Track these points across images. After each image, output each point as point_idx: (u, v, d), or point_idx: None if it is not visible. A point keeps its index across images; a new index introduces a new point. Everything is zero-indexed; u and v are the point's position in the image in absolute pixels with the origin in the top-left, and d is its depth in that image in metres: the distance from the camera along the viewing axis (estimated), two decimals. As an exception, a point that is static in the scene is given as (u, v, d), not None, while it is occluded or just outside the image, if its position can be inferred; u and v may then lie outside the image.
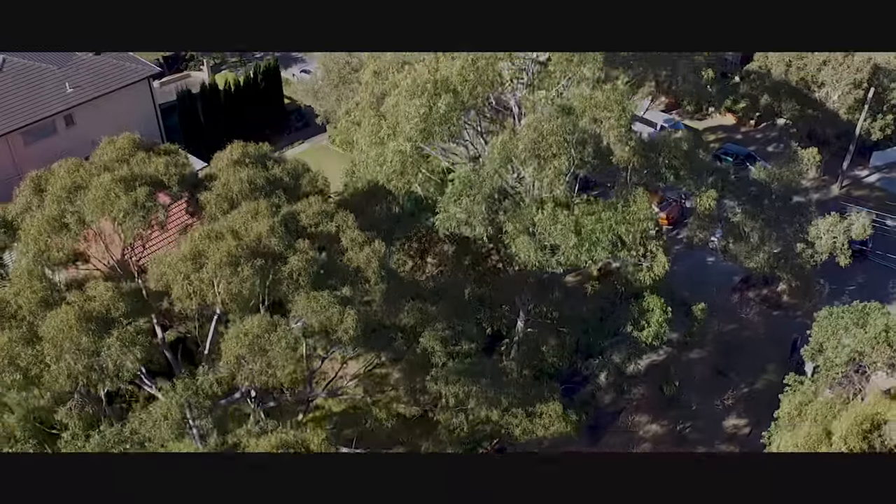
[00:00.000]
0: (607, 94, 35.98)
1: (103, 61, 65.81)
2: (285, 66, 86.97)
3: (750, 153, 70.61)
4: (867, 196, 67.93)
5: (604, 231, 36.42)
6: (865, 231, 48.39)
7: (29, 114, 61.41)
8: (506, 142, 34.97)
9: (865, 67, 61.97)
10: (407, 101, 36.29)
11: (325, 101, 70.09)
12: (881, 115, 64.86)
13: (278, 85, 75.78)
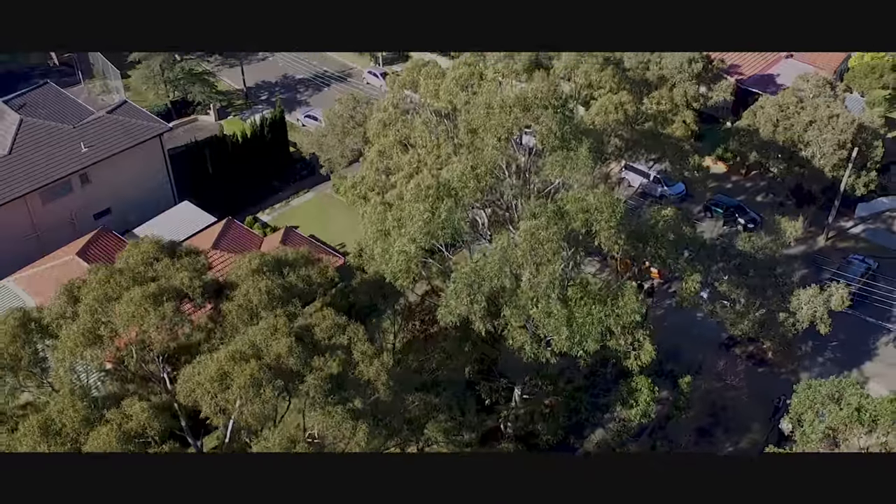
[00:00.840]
0: (598, 198, 38.61)
1: (116, 120, 68.40)
2: (290, 109, 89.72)
3: (739, 204, 73.29)
4: (853, 247, 70.57)
5: (594, 324, 39.07)
6: (844, 303, 51.01)
7: (46, 174, 63.98)
8: (504, 247, 37.68)
9: (850, 129, 64.65)
10: (412, 203, 38.95)
11: (329, 151, 72.52)
12: (865, 171, 67.47)
13: (284, 134, 78.35)
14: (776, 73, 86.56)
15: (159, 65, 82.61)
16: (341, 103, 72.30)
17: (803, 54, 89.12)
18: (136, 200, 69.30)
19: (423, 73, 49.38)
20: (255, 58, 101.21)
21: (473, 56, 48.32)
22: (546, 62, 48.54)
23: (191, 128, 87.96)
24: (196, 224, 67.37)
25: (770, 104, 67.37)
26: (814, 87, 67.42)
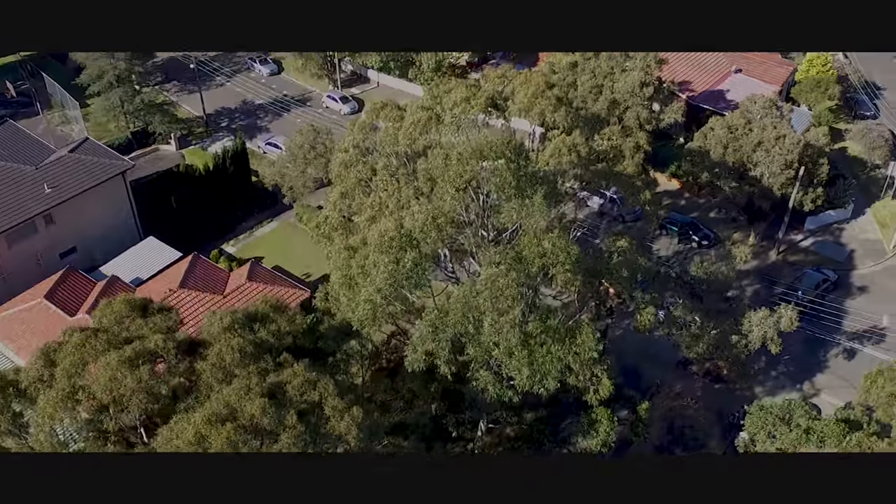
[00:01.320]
0: (553, 241, 40.31)
1: (78, 159, 68.95)
2: (250, 135, 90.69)
3: (693, 221, 75.50)
4: (803, 260, 73.10)
5: (553, 363, 40.83)
6: (792, 324, 53.24)
7: (11, 217, 64.41)
8: (467, 294, 39.27)
9: (796, 149, 67.12)
10: (376, 253, 40.40)
11: (291, 181, 73.65)
12: (812, 188, 69.97)
13: (246, 165, 79.23)
14: (725, 89, 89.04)
15: (119, 97, 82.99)
16: (301, 134, 73.64)
17: (751, 69, 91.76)
18: (101, 237, 69.85)
19: (383, 116, 50.75)
20: (213, 83, 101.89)
21: (431, 100, 49.80)
22: (501, 104, 50.16)
23: (152, 157, 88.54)
24: (162, 260, 68.16)
25: (720, 126, 69.65)
26: (761, 109, 69.70)
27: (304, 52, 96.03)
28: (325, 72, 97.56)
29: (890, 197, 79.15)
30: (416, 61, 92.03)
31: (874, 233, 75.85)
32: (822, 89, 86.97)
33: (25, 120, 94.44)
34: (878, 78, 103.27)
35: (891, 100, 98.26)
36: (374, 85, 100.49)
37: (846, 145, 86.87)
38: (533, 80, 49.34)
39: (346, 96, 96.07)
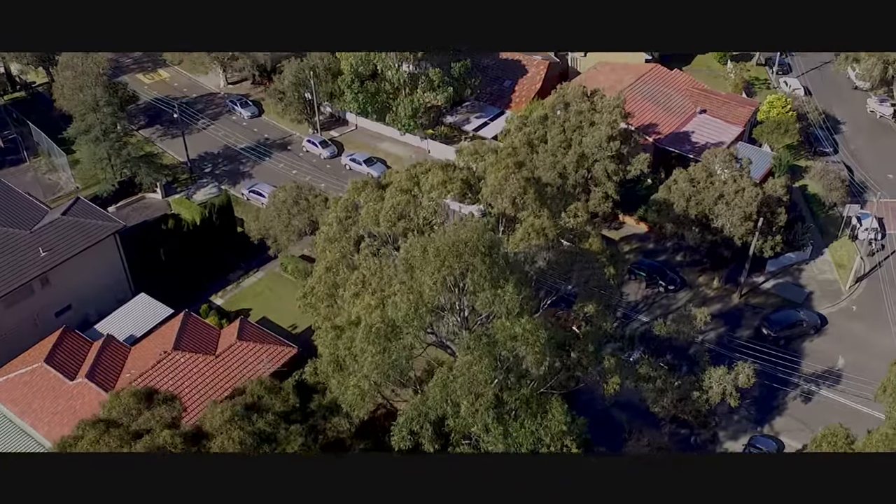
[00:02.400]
0: (524, 326, 43.89)
1: (71, 221, 71.80)
2: (234, 181, 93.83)
3: (660, 266, 79.40)
4: (763, 303, 77.13)
5: (526, 436, 44.56)
6: (750, 380, 57.18)
7: (9, 282, 67.25)
8: (445, 380, 42.85)
9: (754, 202, 71.11)
10: (363, 341, 43.89)
11: (276, 235, 76.85)
12: (771, 236, 73.98)
13: (231, 218, 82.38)
14: (691, 130, 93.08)
15: (106, 151, 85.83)
16: (285, 190, 76.94)
17: (715, 110, 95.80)
18: (94, 295, 72.84)
19: (364, 197, 54.16)
20: (195, 127, 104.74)
21: (409, 181, 53.26)
22: (476, 184, 53.71)
23: (139, 206, 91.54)
24: (154, 317, 71.29)
25: (682, 179, 73.55)
26: (721, 162, 73.64)
27: (285, 98, 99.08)
28: (305, 116, 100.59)
29: (847, 237, 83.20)
30: (392, 106, 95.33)
31: (832, 273, 79.99)
32: (782, 131, 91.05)
33: (13, 167, 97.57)
34: (837, 111, 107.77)
35: (849, 134, 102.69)
36: (352, 127, 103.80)
37: (806, 183, 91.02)
38: (503, 161, 52.79)
39: (326, 140, 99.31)
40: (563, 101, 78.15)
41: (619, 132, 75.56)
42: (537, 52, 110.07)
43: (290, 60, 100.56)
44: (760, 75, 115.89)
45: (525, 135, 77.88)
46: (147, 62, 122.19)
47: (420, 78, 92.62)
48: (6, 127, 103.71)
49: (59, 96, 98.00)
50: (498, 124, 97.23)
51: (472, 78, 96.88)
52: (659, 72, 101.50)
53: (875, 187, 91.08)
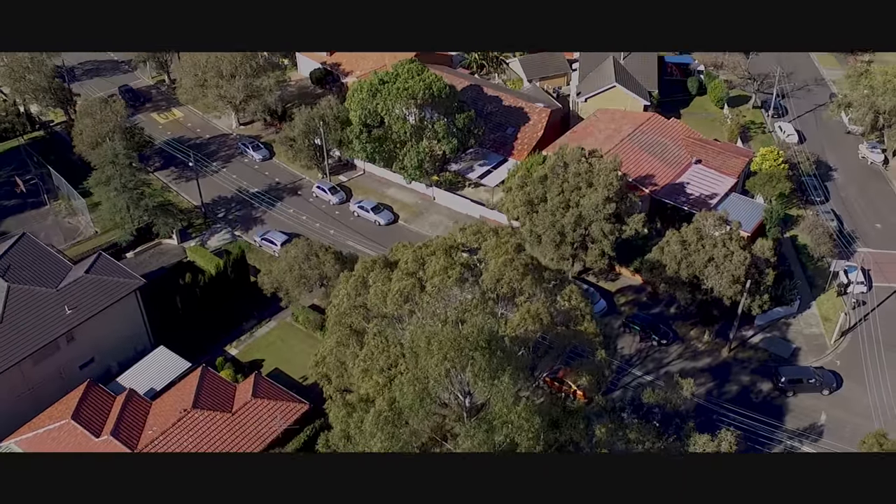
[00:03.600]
0: (519, 414, 47.79)
1: (94, 279, 75.73)
2: (246, 227, 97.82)
3: (653, 321, 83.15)
4: (752, 356, 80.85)
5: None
6: (732, 447, 60.99)
7: (36, 340, 71.27)
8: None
9: (742, 265, 74.84)
10: (373, 425, 47.84)
11: (288, 288, 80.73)
12: (759, 295, 77.71)
13: (246, 269, 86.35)
14: (686, 182, 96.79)
15: (125, 202, 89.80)
16: (296, 246, 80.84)
17: (710, 160, 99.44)
18: (115, 347, 76.92)
19: (373, 276, 58.06)
20: (209, 169, 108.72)
21: (415, 262, 57.18)
22: (475, 265, 57.61)
23: (156, 251, 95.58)
24: (173, 370, 75.37)
25: (675, 241, 77.31)
26: (712, 226, 77.39)
27: (295, 145, 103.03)
28: (315, 162, 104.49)
29: (833, 290, 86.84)
30: (399, 155, 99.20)
31: (818, 327, 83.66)
32: (774, 183, 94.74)
33: (34, 210, 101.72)
34: (829, 156, 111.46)
35: (840, 181, 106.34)
36: (360, 172, 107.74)
37: (796, 234, 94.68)
38: (503, 246, 56.67)
39: (335, 187, 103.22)
40: (562, 161, 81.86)
41: (616, 194, 79.22)
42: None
43: (300, 108, 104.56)
44: (756, 118, 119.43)
45: (525, 194, 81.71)
46: (161, 101, 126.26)
47: (426, 129, 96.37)
48: (27, 169, 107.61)
49: (79, 142, 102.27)
50: (501, 172, 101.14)
51: (476, 128, 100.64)
52: (656, 121, 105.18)
53: (862, 239, 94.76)
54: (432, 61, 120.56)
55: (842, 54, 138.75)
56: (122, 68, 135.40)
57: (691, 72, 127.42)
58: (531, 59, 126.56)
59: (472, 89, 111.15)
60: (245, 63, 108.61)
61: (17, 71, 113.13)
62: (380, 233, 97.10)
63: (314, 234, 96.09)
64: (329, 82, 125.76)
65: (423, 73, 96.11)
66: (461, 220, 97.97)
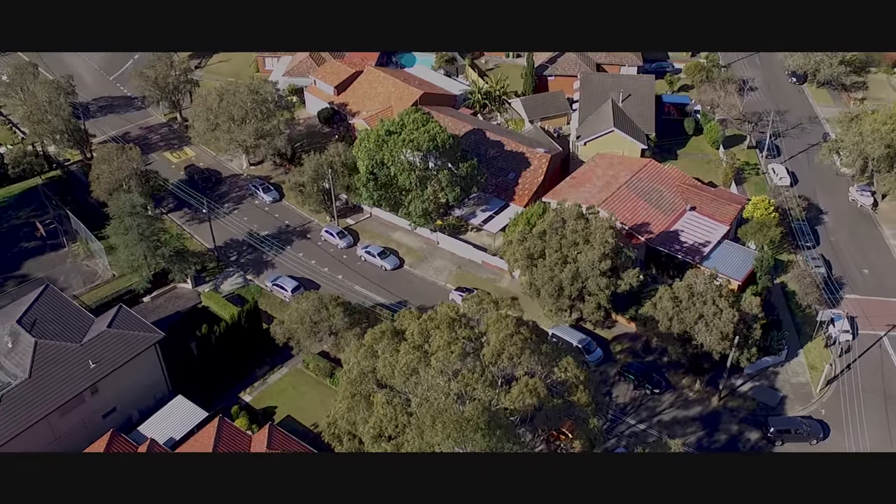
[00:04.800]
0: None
1: (116, 334, 79.82)
2: (258, 271, 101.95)
3: (647, 370, 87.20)
4: (741, 405, 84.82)
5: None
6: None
7: (63, 393, 75.34)
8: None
9: (731, 323, 78.87)
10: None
11: (300, 338, 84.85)
12: (747, 348, 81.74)
13: (259, 320, 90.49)
14: (681, 229, 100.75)
15: (143, 252, 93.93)
16: (307, 299, 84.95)
17: (704, 206, 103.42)
18: (136, 396, 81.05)
19: (381, 347, 62.17)
20: (222, 211, 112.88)
21: (420, 335, 61.28)
22: (476, 338, 61.73)
23: (171, 296, 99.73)
24: (191, 419, 79.47)
25: (667, 297, 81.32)
26: (702, 283, 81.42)
27: (305, 190, 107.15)
28: (323, 206, 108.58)
29: (820, 338, 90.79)
30: (405, 202, 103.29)
31: (804, 375, 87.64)
32: (765, 231, 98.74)
33: (53, 252, 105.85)
34: (820, 198, 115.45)
35: (830, 225, 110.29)
36: (367, 215, 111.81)
37: (785, 280, 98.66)
38: (503, 321, 60.77)
39: (343, 231, 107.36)
40: (560, 218, 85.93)
41: (611, 250, 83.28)
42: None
43: (309, 154, 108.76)
44: (751, 159, 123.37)
45: (525, 249, 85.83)
46: (173, 140, 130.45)
47: (430, 178, 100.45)
48: (45, 210, 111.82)
49: (97, 187, 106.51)
50: (502, 217, 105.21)
51: (479, 175, 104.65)
52: (652, 167, 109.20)
53: (850, 285, 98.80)
54: (436, 102, 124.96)
55: (836, 91, 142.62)
56: (136, 104, 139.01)
57: (688, 112, 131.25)
58: (532, 99, 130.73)
59: (474, 133, 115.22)
60: (256, 108, 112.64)
61: (35, 114, 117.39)
62: (386, 277, 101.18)
63: (323, 279, 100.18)
64: (336, 121, 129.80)
65: (428, 123, 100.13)
66: (464, 265, 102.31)
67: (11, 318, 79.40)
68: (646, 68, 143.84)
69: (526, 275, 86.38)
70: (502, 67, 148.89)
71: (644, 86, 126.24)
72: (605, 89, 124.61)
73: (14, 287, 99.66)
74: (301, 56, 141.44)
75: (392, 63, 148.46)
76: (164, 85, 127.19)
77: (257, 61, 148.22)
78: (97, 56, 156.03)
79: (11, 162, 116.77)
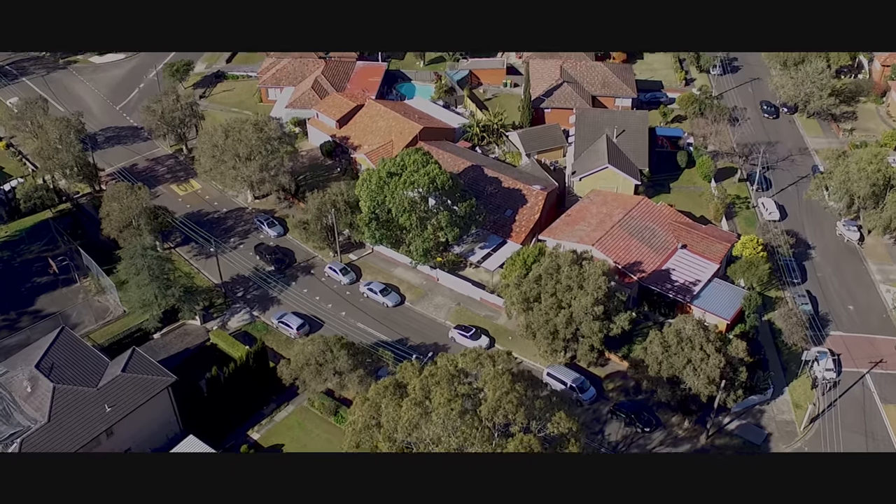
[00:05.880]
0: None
1: (130, 378, 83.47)
2: (263, 308, 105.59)
3: (638, 408, 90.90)
4: (727, 443, 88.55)
5: None
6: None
7: (81, 436, 78.96)
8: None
9: (718, 368, 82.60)
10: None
11: (305, 378, 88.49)
12: (733, 390, 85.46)
13: (265, 359, 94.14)
14: (672, 268, 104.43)
15: (154, 293, 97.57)
16: (313, 342, 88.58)
17: (694, 245, 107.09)
18: (149, 436, 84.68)
19: (385, 402, 65.85)
20: (228, 245, 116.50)
21: (422, 391, 64.99)
22: (473, 395, 65.43)
23: (180, 332, 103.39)
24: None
25: (657, 342, 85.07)
26: (691, 328, 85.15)
27: (309, 228, 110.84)
28: (327, 242, 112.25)
29: (806, 377, 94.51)
30: (405, 240, 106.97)
31: (789, 413, 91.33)
32: (753, 270, 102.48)
33: (66, 288, 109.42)
34: (808, 232, 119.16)
35: (817, 260, 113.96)
36: (369, 251, 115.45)
37: (772, 318, 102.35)
38: (500, 378, 64.47)
39: (346, 268, 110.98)
40: (555, 264, 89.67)
41: (604, 296, 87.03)
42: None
43: (313, 193, 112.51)
44: (742, 192, 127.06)
45: (522, 293, 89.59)
46: (180, 172, 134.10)
47: (430, 219, 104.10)
48: (56, 245, 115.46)
49: (107, 224, 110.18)
50: (500, 255, 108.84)
51: (478, 214, 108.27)
52: (645, 205, 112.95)
53: (835, 322, 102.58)
54: (435, 136, 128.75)
55: (826, 122, 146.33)
56: (142, 135, 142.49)
57: (681, 146, 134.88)
58: (529, 132, 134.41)
59: (473, 169, 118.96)
60: (261, 146, 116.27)
61: (47, 150, 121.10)
62: (388, 314, 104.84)
63: (327, 315, 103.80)
64: (338, 154, 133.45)
65: (428, 165, 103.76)
66: (463, 301, 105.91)
67: (30, 363, 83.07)
68: (641, 98, 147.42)
69: (522, 319, 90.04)
70: (500, 97, 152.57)
71: (638, 121, 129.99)
72: (600, 125, 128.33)
73: (28, 323, 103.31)
74: (304, 88, 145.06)
75: (392, 93, 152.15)
76: (171, 119, 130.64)
77: (261, 91, 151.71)
78: (103, 85, 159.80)
79: (23, 196, 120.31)
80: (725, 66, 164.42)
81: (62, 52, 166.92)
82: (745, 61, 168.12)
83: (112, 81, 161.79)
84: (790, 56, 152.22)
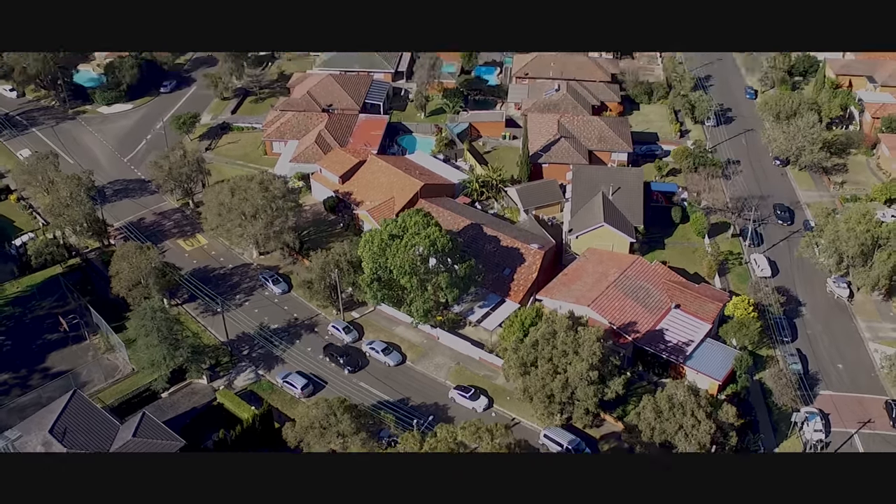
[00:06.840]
0: None
1: (142, 442, 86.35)
2: (269, 366, 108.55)
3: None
4: None
5: None
6: None
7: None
8: None
9: (708, 433, 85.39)
10: None
11: (311, 441, 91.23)
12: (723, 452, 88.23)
13: (271, 420, 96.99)
14: (665, 328, 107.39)
15: (162, 355, 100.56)
16: (317, 407, 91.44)
17: (687, 304, 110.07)
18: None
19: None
20: (234, 302, 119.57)
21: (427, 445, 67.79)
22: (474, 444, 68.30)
23: (187, 391, 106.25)
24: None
25: (650, 407, 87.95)
26: (683, 394, 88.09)
27: (312, 287, 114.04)
28: (330, 300, 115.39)
29: (796, 437, 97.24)
30: (407, 300, 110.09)
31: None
32: (744, 331, 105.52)
33: (76, 345, 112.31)
34: (799, 289, 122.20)
35: (808, 318, 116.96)
36: (371, 309, 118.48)
37: (763, 378, 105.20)
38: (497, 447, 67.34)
39: (349, 326, 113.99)
40: (552, 329, 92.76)
41: (599, 361, 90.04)
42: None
43: (317, 252, 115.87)
44: (735, 248, 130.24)
45: (519, 357, 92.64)
46: (186, 226, 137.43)
47: (430, 280, 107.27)
48: (66, 301, 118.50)
49: (116, 283, 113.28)
50: (499, 314, 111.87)
51: (477, 275, 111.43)
52: (640, 265, 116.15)
53: (824, 381, 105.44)
54: (436, 192, 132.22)
55: (817, 174, 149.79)
56: (149, 188, 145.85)
57: (676, 202, 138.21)
58: (527, 188, 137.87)
59: (472, 228, 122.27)
60: (267, 205, 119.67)
61: (57, 207, 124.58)
62: (389, 373, 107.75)
63: (329, 374, 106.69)
64: (341, 210, 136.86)
65: (429, 227, 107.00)
66: (463, 361, 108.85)
67: (43, 428, 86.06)
68: (636, 152, 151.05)
69: (520, 381, 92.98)
70: (499, 150, 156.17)
71: (633, 178, 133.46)
72: (597, 182, 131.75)
73: (39, 381, 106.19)
74: (307, 142, 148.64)
75: (394, 145, 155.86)
76: (178, 175, 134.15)
77: (265, 144, 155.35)
78: (111, 136, 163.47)
79: (35, 252, 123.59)
80: (720, 117, 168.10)
81: (70, 105, 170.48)
82: (739, 112, 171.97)
83: (120, 132, 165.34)
84: (783, 109, 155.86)
